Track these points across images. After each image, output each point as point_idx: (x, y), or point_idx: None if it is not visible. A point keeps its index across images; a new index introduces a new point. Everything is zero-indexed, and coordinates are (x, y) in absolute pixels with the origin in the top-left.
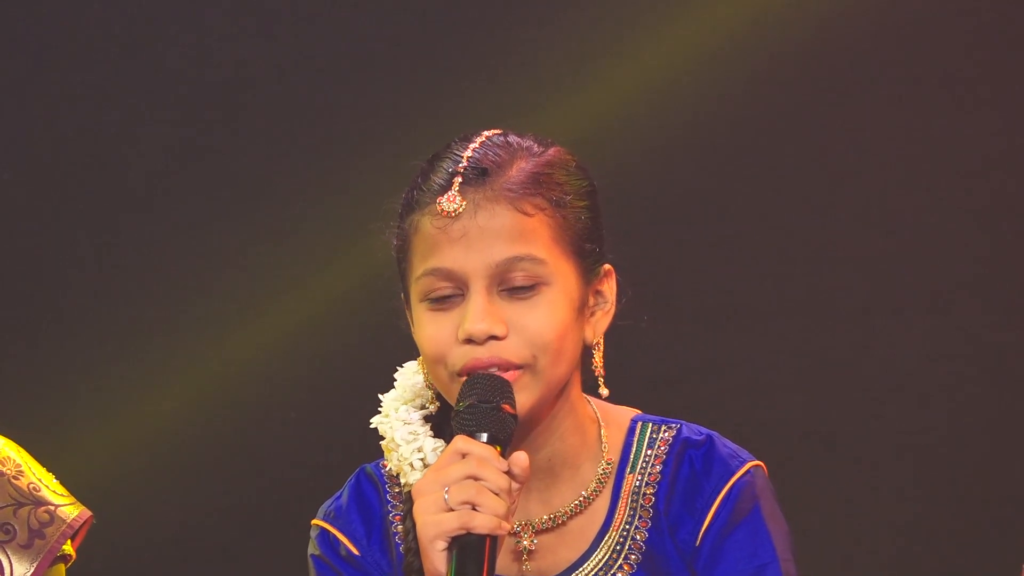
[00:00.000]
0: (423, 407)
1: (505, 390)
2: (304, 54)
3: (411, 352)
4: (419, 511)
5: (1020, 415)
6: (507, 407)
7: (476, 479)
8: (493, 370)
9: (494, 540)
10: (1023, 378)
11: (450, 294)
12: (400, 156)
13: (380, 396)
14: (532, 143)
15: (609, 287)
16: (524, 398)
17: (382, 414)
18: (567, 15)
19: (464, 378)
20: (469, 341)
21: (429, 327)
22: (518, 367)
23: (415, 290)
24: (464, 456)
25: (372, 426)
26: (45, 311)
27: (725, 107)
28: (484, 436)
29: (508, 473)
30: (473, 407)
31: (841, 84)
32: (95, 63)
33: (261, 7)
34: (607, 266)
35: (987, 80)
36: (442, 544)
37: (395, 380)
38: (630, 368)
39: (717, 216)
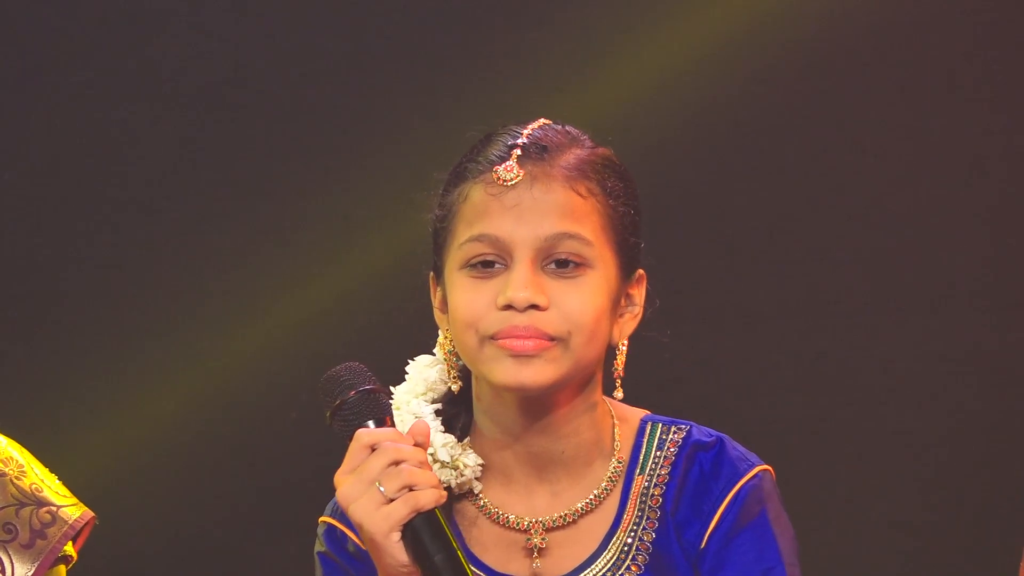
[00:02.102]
0: (435, 401)
1: (360, 372)
2: (304, 54)
3: (413, 351)
4: (359, 514)
5: (1020, 415)
6: (371, 387)
7: (398, 463)
8: (528, 342)
9: (438, 511)
10: (1023, 378)
11: (492, 262)
12: (401, 156)
13: (392, 388)
14: (587, 138)
15: (639, 292)
16: (551, 370)
17: (393, 405)
18: (567, 15)
19: (497, 341)
20: (508, 307)
21: (467, 293)
22: (552, 339)
23: (456, 257)
24: (373, 448)
25: None
26: (45, 311)
27: (725, 107)
28: (371, 423)
29: (418, 445)
30: (346, 402)
31: (842, 84)
32: (95, 63)
33: (261, 7)
34: (641, 271)
35: (987, 79)
36: (397, 535)
37: (407, 373)
38: (629, 368)
39: (717, 216)
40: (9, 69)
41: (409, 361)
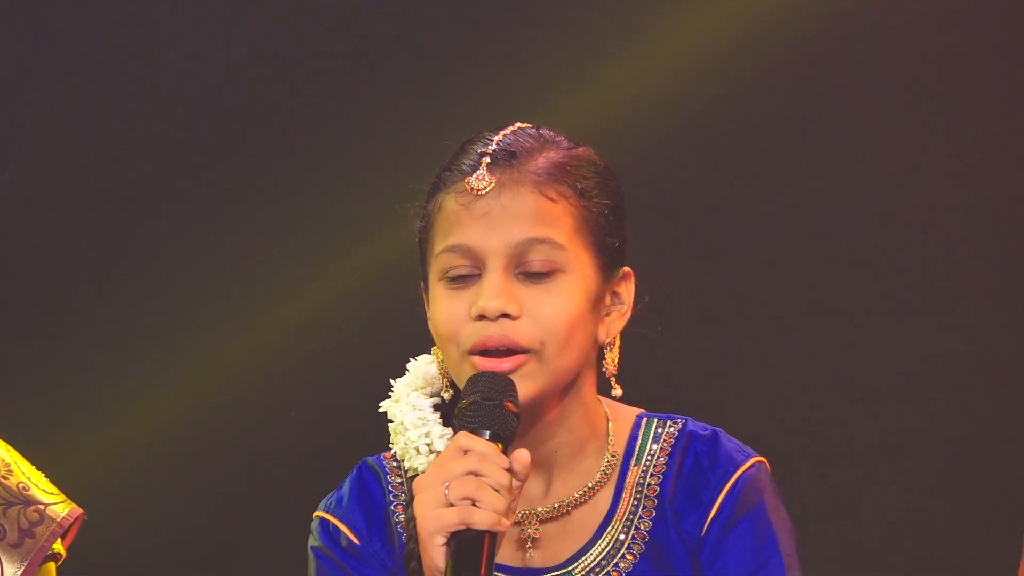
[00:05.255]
0: (433, 395)
1: (508, 388)
2: (305, 54)
3: (414, 351)
4: (419, 505)
5: (1020, 415)
6: (510, 405)
7: (477, 475)
8: (503, 362)
9: (493, 536)
10: (1023, 378)
11: (467, 273)
12: (401, 157)
13: (392, 381)
14: (563, 139)
15: (627, 289)
16: (528, 386)
17: (392, 398)
18: (568, 15)
19: (475, 357)
20: (481, 318)
21: (444, 304)
22: (525, 351)
23: (434, 268)
24: (466, 452)
25: (381, 410)
26: (45, 311)
27: (725, 107)
28: (487, 433)
29: (509, 470)
30: (476, 404)
31: (842, 84)
32: (96, 63)
33: (262, 7)
34: (627, 268)
35: (986, 79)
36: (441, 539)
37: (407, 369)
38: (628, 367)
39: (717, 215)
40: (9, 69)
41: (411, 359)
